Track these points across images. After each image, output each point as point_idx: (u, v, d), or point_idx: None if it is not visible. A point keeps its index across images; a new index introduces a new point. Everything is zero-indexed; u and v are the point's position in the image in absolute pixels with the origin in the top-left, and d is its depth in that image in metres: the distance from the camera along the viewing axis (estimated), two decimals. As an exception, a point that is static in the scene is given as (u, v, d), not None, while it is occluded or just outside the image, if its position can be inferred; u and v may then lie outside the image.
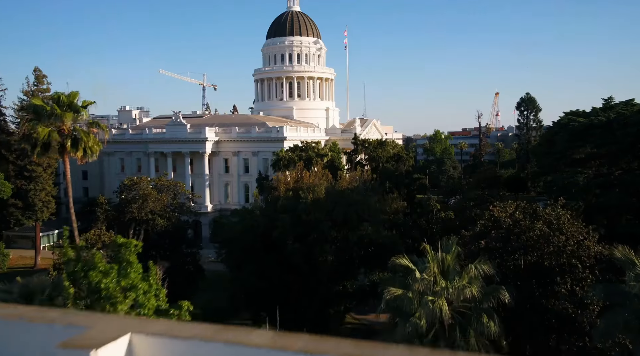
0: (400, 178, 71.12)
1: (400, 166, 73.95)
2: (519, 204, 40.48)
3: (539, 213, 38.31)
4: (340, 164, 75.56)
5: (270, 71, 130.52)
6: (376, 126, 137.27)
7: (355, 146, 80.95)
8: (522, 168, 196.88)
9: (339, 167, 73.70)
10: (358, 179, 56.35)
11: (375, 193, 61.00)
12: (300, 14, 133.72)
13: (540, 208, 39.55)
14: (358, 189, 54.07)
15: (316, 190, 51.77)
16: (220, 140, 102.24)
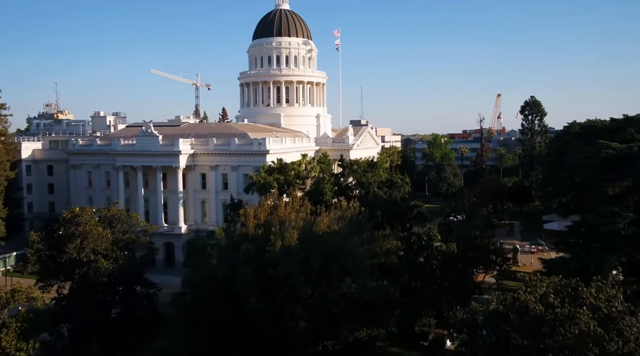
0: (394, 207, 60.22)
1: (395, 192, 62.99)
2: (552, 282, 29.46)
3: (581, 295, 27.40)
4: (326, 187, 64.47)
5: (256, 74, 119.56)
6: (371, 135, 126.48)
7: (343, 168, 69.76)
8: (526, 175, 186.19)
9: (323, 191, 62.65)
10: (339, 219, 45.35)
11: (364, 229, 50.25)
12: (290, 12, 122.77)
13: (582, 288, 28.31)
14: (340, 233, 43.21)
15: (287, 236, 40.95)
16: (196, 153, 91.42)
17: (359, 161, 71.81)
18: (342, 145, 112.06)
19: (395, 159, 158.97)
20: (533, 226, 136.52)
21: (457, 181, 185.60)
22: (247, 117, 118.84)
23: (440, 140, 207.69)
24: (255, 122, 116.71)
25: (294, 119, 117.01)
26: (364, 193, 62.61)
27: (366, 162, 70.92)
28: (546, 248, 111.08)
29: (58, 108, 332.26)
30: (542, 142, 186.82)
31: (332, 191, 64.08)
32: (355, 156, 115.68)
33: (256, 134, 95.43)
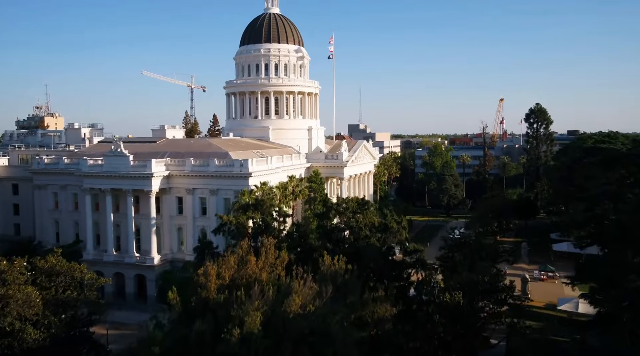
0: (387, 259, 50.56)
1: (389, 237, 53.33)
2: None
3: None
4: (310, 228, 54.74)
5: (242, 84, 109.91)
6: (367, 148, 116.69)
7: (327, 210, 59.67)
8: (531, 186, 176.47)
9: (306, 234, 52.88)
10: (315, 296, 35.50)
11: (352, 290, 40.66)
12: (280, 17, 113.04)
13: None
14: (317, 312, 33.61)
15: (247, 322, 31.37)
16: (172, 174, 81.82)
17: (348, 200, 61.66)
18: (335, 162, 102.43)
19: (394, 171, 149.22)
20: (541, 245, 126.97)
21: (459, 192, 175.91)
22: (234, 130, 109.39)
23: (440, 148, 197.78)
24: (242, 135, 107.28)
25: (283, 132, 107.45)
26: (354, 239, 52.81)
27: (356, 201, 60.85)
28: (557, 275, 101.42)
29: (48, 110, 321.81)
30: (547, 152, 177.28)
31: (317, 233, 54.26)
32: (350, 173, 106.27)
33: (239, 153, 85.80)
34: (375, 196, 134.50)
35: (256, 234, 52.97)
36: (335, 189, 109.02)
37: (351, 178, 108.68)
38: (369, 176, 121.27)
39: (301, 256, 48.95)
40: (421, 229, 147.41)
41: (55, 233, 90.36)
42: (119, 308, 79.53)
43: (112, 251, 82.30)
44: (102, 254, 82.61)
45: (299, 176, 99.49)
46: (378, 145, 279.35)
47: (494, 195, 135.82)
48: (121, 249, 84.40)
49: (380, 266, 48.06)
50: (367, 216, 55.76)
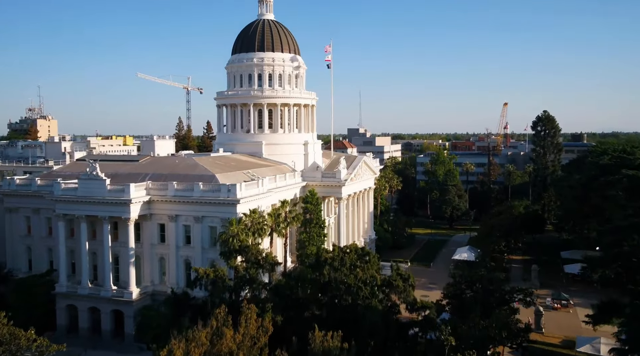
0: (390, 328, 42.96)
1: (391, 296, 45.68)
2: None
3: None
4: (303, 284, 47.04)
5: (234, 96, 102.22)
6: (367, 164, 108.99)
7: (318, 264, 51.35)
8: (538, 197, 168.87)
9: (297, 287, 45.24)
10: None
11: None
12: (275, 23, 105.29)
13: None
14: None
15: None
16: (153, 200, 74.21)
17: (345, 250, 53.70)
18: (332, 180, 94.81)
19: (395, 184, 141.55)
20: (551, 265, 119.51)
21: (462, 203, 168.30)
22: (225, 144, 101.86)
23: (443, 156, 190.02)
24: (233, 151, 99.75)
25: (277, 148, 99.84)
26: (351, 299, 45.09)
27: (355, 250, 53.01)
28: (571, 303, 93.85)
29: (41, 113, 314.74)
30: (555, 161, 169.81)
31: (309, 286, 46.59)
32: (349, 191, 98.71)
33: (227, 176, 78.17)
34: (375, 210, 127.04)
35: (239, 288, 45.38)
36: (333, 208, 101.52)
37: (350, 196, 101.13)
38: (369, 192, 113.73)
39: (290, 314, 41.27)
40: (423, 245, 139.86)
41: (27, 260, 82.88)
42: (93, 347, 72.37)
43: (87, 283, 74.75)
44: (77, 286, 75.08)
45: (294, 196, 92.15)
46: (378, 150, 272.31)
47: (501, 211, 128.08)
48: (98, 279, 76.93)
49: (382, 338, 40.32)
50: (368, 270, 48.06)
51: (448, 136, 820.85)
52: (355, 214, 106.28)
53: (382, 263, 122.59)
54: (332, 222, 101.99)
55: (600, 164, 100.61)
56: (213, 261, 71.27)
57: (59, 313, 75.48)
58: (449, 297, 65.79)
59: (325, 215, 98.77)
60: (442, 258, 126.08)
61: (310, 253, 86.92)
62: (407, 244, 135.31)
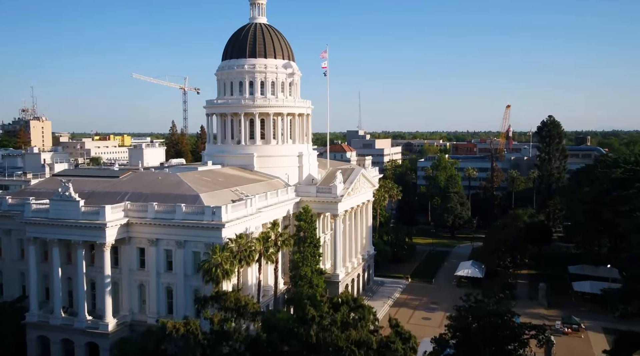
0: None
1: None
2: None
3: None
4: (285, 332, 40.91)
5: (224, 105, 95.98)
6: (365, 177, 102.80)
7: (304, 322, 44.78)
8: (543, 205, 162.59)
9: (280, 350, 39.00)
10: None
11: None
12: (267, 28, 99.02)
13: None
14: None
15: None
16: (132, 222, 68.11)
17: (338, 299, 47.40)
18: (328, 196, 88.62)
19: (395, 194, 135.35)
20: (559, 280, 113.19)
21: (465, 212, 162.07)
22: (214, 156, 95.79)
23: (445, 161, 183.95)
24: (223, 163, 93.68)
25: (270, 160, 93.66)
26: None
27: (347, 301, 46.72)
28: (582, 327, 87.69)
29: (35, 114, 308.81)
30: (560, 167, 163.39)
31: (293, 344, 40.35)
32: (346, 207, 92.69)
33: (213, 195, 72.03)
34: (374, 222, 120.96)
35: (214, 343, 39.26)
36: (329, 224, 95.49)
37: (347, 212, 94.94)
38: (368, 205, 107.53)
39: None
40: (425, 257, 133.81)
41: (-1, 285, 76.96)
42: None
43: (60, 312, 68.67)
44: (49, 316, 69.01)
45: (287, 212, 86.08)
46: (378, 153, 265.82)
47: (505, 224, 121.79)
48: (74, 307, 70.87)
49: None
50: (363, 328, 41.88)
51: (449, 135, 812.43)
52: (353, 230, 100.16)
53: (382, 279, 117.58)
54: (328, 238, 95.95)
55: (612, 178, 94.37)
56: (197, 289, 65.30)
57: (30, 345, 69.48)
58: (454, 330, 59.68)
59: (320, 232, 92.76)
60: (444, 272, 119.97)
61: (304, 274, 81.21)
62: (407, 256, 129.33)
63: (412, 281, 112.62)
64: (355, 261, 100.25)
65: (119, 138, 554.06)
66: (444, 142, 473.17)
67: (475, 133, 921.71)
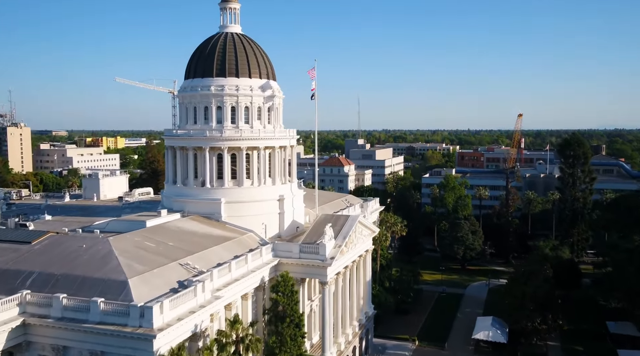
0: None
1: None
2: None
3: None
4: None
5: (185, 136, 75.40)
6: (364, 224, 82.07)
7: None
8: (566, 233, 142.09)
9: None
10: None
11: None
12: (242, 38, 78.39)
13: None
14: None
15: None
16: (29, 323, 47.68)
17: None
18: (314, 258, 67.95)
19: (399, 229, 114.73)
20: (598, 341, 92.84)
21: (477, 241, 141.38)
22: (173, 201, 75.42)
23: (453, 181, 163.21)
24: (183, 210, 73.38)
25: (242, 207, 73.32)
26: None
27: None
28: None
29: (13, 119, 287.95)
30: (587, 192, 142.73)
31: None
32: (337, 268, 72.25)
33: (149, 277, 51.49)
34: (374, 265, 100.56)
35: None
36: (316, 287, 75.27)
37: (339, 274, 74.34)
38: (366, 256, 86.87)
39: None
40: (434, 303, 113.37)
41: None
42: None
43: None
44: None
45: (261, 281, 65.63)
46: (378, 164, 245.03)
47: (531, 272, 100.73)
48: None
49: None
50: None
51: (450, 135, 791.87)
52: (347, 291, 79.64)
53: (383, 341, 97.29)
54: (316, 306, 75.77)
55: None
56: None
57: None
58: None
59: (305, 298, 72.64)
60: (458, 330, 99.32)
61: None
62: (413, 304, 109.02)
63: (419, 344, 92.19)
64: (350, 331, 79.79)
65: (112, 140, 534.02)
66: (447, 146, 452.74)
67: (478, 132, 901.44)
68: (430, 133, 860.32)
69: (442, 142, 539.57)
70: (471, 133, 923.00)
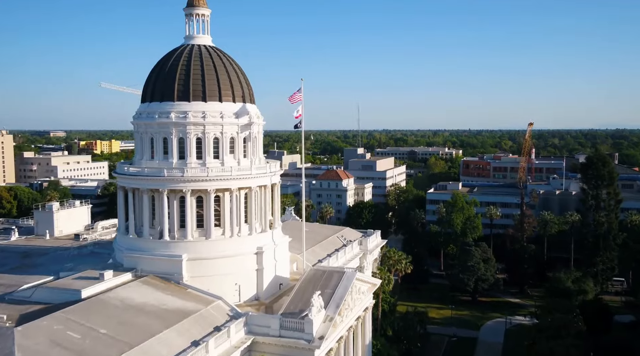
0: None
1: None
2: None
3: None
4: None
5: (138, 175, 60.04)
6: (363, 280, 66.68)
7: None
8: (588, 261, 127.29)
9: None
10: None
11: None
12: (212, 52, 63.03)
13: None
14: None
15: None
16: None
17: None
18: (298, 338, 52.57)
19: (403, 267, 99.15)
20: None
21: (490, 271, 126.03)
22: (125, 256, 60.06)
23: (461, 201, 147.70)
24: (136, 268, 58.28)
25: (210, 264, 58.25)
26: None
27: None
28: None
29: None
30: (612, 216, 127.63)
31: None
32: (330, 344, 56.83)
33: None
34: (375, 311, 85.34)
35: None
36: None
37: (332, 350, 58.98)
38: (366, 315, 71.53)
39: None
40: (444, 352, 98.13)
41: None
42: None
43: None
44: None
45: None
46: (379, 176, 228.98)
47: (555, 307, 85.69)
48: None
49: None
50: None
51: (452, 135, 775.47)
52: (342, 364, 64.26)
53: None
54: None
55: None
56: None
57: None
58: None
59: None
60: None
61: None
62: (420, 352, 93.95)
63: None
64: (345, 415, 64.49)
65: (107, 143, 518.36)
66: (449, 150, 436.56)
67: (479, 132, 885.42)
68: (431, 134, 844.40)
69: (444, 144, 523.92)
70: (472, 133, 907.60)
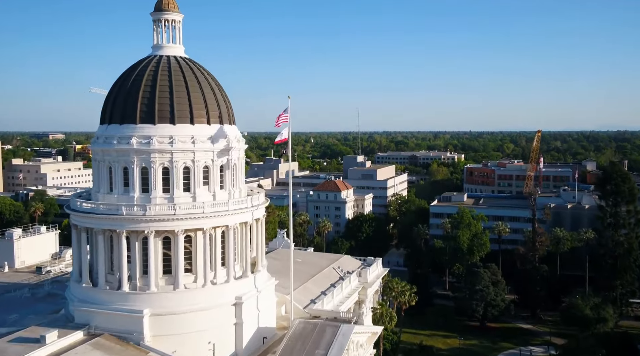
0: None
1: None
2: None
3: None
4: None
5: (93, 214, 50.10)
6: (361, 333, 56.71)
7: None
8: (607, 284, 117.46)
9: None
10: None
11: None
12: (182, 64, 53.10)
13: None
14: None
15: None
16: None
17: None
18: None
19: (408, 298, 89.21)
20: None
21: (500, 295, 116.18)
22: (77, 310, 50.08)
23: (468, 217, 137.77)
24: (89, 325, 48.32)
25: (178, 320, 48.32)
26: None
27: None
28: None
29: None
30: (632, 236, 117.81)
31: None
32: None
33: None
34: (377, 352, 75.44)
35: None
36: None
37: None
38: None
39: None
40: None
41: None
42: None
43: None
44: None
45: None
46: (380, 185, 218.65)
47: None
48: None
49: None
50: None
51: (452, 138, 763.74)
52: None
53: None
54: None
55: None
56: None
57: None
58: None
59: None
60: None
61: None
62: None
63: None
64: None
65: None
66: (451, 154, 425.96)
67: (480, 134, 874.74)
68: (432, 136, 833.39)
69: (445, 148, 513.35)
70: (473, 135, 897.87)
